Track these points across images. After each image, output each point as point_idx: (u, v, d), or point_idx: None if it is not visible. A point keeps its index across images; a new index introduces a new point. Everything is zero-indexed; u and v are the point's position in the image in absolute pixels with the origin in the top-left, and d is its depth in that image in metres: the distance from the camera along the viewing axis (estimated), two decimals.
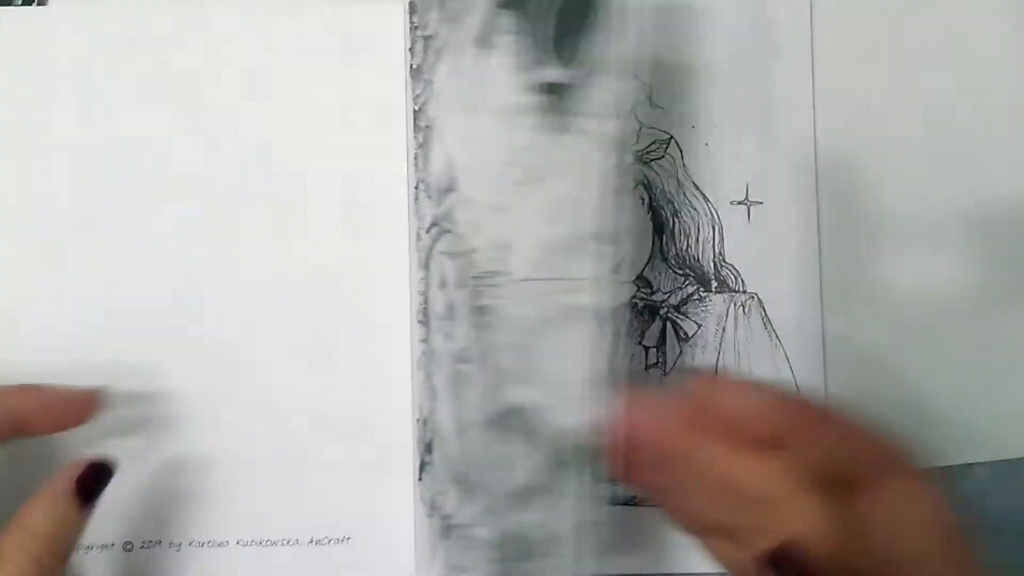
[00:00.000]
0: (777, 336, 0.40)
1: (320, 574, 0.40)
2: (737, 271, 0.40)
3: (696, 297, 0.41)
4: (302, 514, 0.40)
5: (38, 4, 0.43)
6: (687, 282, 0.41)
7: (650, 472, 0.27)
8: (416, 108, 0.36)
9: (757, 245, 0.40)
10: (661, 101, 0.41)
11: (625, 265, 0.41)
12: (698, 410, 0.27)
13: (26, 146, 0.42)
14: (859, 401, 0.40)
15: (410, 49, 0.36)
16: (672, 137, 0.41)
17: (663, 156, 0.41)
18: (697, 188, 0.41)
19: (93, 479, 0.33)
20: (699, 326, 0.40)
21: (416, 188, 0.36)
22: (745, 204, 0.41)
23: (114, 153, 0.41)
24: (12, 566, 0.30)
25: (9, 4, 0.42)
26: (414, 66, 0.36)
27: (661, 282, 0.41)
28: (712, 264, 0.41)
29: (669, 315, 0.41)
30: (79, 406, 0.36)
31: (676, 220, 0.41)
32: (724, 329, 0.40)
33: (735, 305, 0.40)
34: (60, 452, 0.39)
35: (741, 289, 0.40)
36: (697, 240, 0.41)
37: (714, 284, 0.41)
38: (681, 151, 0.41)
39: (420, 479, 0.36)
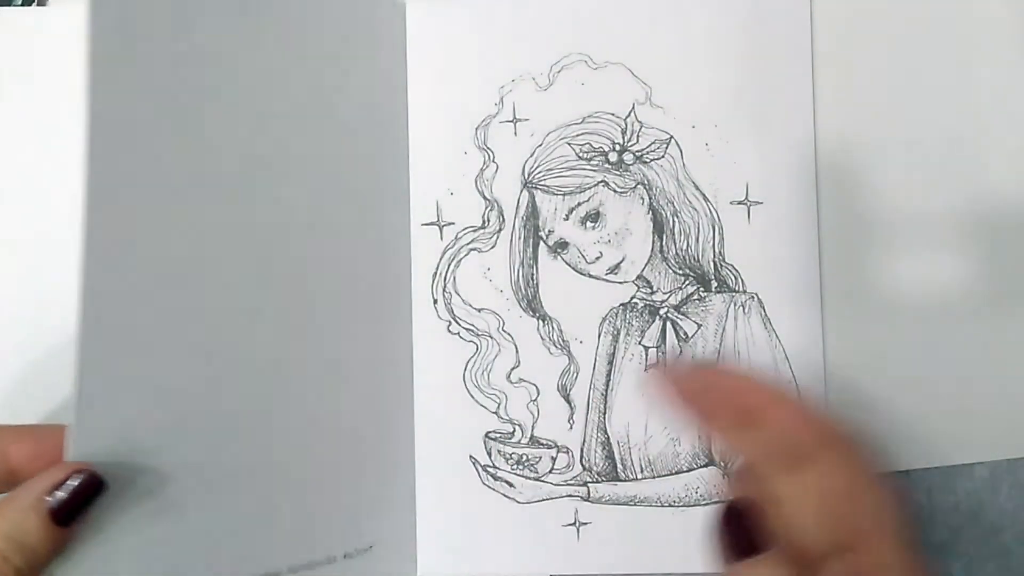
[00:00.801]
0: (777, 336, 0.40)
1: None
2: (737, 271, 0.40)
3: (696, 297, 0.41)
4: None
5: (38, 4, 0.43)
6: (687, 282, 0.41)
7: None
8: None
9: (757, 245, 0.40)
10: (661, 101, 0.41)
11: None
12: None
13: (26, 145, 0.42)
14: (859, 401, 0.40)
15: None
16: (672, 137, 0.41)
17: (663, 156, 0.41)
18: (697, 188, 0.41)
19: (72, 498, 0.27)
20: (699, 326, 0.40)
21: None
22: (745, 204, 0.41)
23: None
24: None
25: (9, 4, 0.43)
26: None
27: (661, 282, 0.41)
28: (712, 264, 0.41)
29: (669, 315, 0.41)
30: None
31: (676, 220, 0.41)
32: (724, 329, 0.40)
33: (735, 305, 0.40)
34: None
35: (741, 289, 0.40)
36: (697, 240, 0.41)
37: (714, 284, 0.41)
38: (681, 151, 0.41)
39: None
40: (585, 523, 0.40)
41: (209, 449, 0.35)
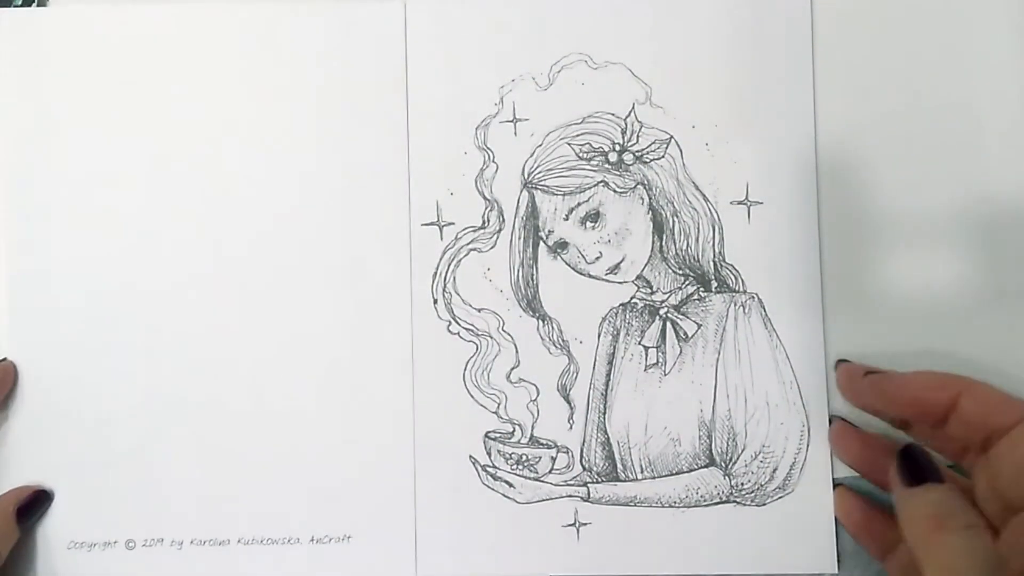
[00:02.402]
0: (777, 336, 0.40)
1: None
2: (737, 271, 0.40)
3: (696, 297, 0.41)
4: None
5: (38, 4, 0.43)
6: (687, 282, 0.41)
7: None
8: None
9: (757, 245, 0.40)
10: (661, 101, 0.41)
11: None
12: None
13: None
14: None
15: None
16: (672, 137, 0.41)
17: (663, 156, 0.41)
18: (697, 188, 0.41)
19: (34, 505, 0.39)
20: (699, 326, 0.40)
21: None
22: (745, 204, 0.41)
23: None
24: None
25: (9, 4, 0.43)
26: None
27: (661, 282, 0.41)
28: (712, 264, 0.41)
29: (669, 315, 0.41)
30: None
31: (676, 220, 0.41)
32: (724, 329, 0.40)
33: (735, 305, 0.40)
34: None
35: (741, 289, 0.40)
36: (697, 240, 0.41)
37: (714, 284, 0.41)
38: (681, 151, 0.41)
39: None
40: (585, 523, 0.40)
41: (208, 435, 0.41)
